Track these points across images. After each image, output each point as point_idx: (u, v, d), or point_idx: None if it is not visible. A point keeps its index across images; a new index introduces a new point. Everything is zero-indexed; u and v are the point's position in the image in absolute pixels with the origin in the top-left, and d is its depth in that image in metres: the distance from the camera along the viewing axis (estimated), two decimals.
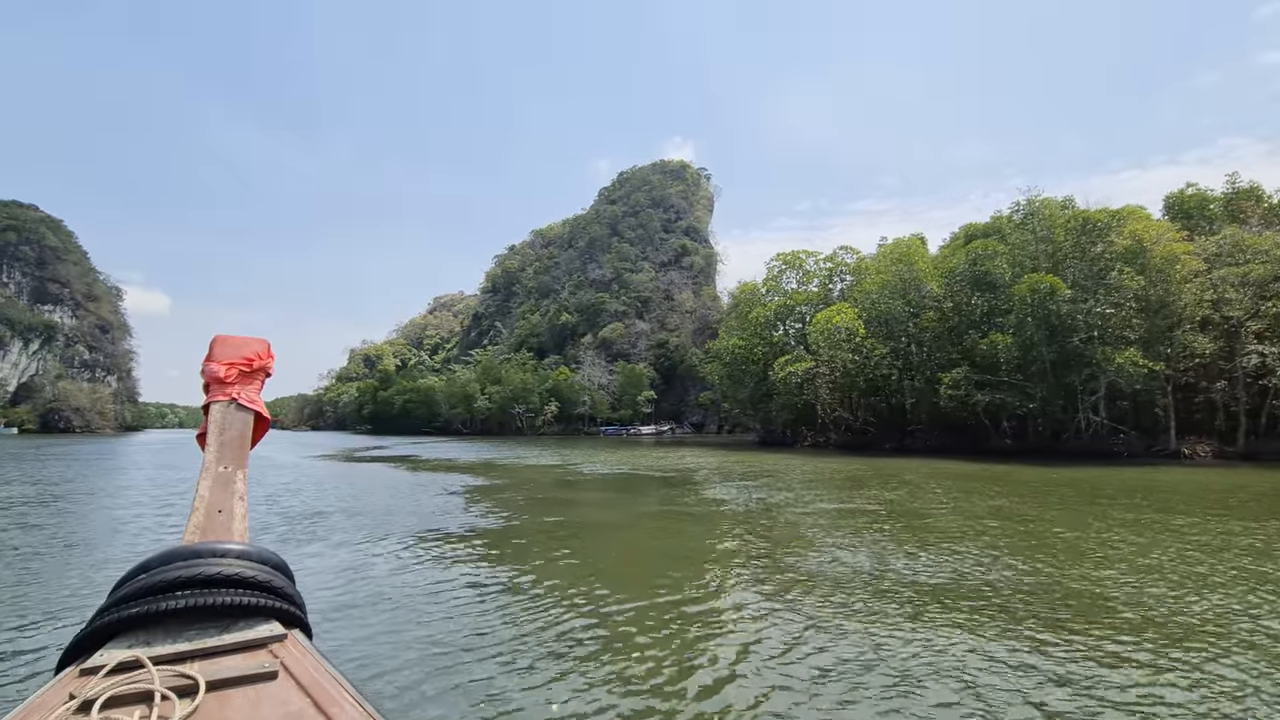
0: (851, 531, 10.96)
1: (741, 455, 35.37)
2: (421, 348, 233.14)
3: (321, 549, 9.40)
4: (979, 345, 32.50)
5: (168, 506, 14.20)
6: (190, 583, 1.33)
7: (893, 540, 10.17)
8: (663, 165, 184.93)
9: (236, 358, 1.86)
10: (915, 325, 37.80)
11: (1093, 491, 17.30)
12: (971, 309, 34.47)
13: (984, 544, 9.80)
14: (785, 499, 15.36)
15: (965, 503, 14.67)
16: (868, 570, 8.16)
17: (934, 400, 37.02)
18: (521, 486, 18.56)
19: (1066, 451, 33.27)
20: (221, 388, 1.81)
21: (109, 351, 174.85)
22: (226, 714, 1.16)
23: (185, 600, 1.31)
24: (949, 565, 8.37)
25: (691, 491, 17.20)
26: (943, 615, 6.30)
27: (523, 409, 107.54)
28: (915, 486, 18.18)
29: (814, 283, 48.36)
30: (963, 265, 34.80)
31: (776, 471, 23.56)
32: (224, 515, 1.57)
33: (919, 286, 37.29)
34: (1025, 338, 31.11)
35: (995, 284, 33.31)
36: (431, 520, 12.03)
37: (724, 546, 9.88)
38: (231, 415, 1.77)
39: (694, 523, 12.20)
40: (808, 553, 9.24)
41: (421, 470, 25.71)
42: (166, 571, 1.34)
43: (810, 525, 11.67)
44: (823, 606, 6.61)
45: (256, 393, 1.87)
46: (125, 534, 10.83)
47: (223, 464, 1.67)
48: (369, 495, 16.18)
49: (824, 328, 37.68)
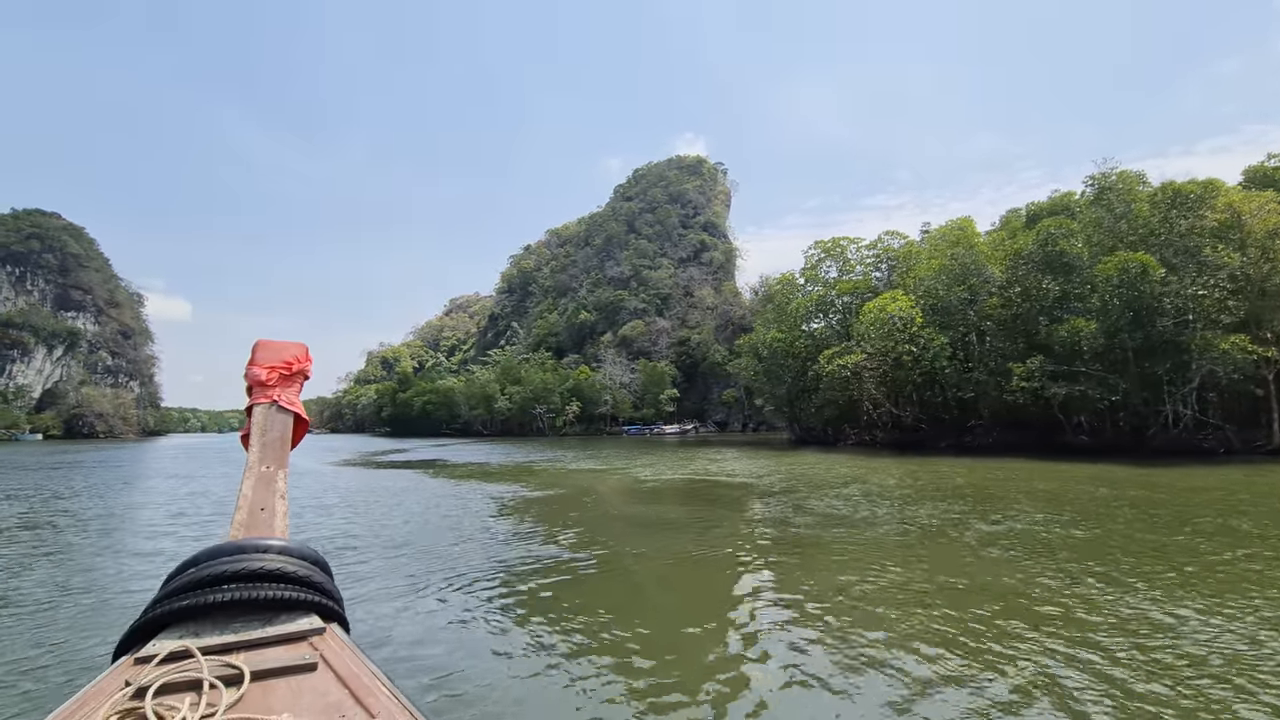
0: (1101, 578, 8.41)
1: (794, 457, 32.82)
2: (438, 349, 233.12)
3: (358, 601, 7.00)
4: (1057, 332, 29.61)
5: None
6: (235, 577, 1.37)
7: (1180, 588, 7.65)
8: (679, 161, 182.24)
9: (277, 361, 1.86)
10: (975, 313, 34.96)
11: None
12: (1043, 293, 31.55)
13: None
14: (921, 516, 12.85)
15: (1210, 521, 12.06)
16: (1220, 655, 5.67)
17: (1000, 394, 34.19)
18: (580, 499, 16.12)
19: (1153, 449, 30.29)
20: (263, 390, 1.81)
21: (131, 357, 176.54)
22: (269, 703, 1.22)
23: (231, 594, 1.35)
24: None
25: (793, 505, 14.64)
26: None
27: (544, 409, 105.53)
28: (1056, 500, 15.58)
29: (858, 271, 45.51)
30: (1032, 246, 31.92)
31: (857, 477, 21.00)
32: (266, 513, 1.59)
33: (979, 270, 34.44)
34: (1111, 323, 28.21)
35: (1072, 265, 30.39)
36: (496, 552, 9.64)
37: (922, 587, 7.45)
38: (273, 417, 1.77)
39: (843, 553, 9.75)
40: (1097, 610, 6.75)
41: (455, 478, 23.49)
42: (213, 566, 1.38)
43: (1005, 563, 9.17)
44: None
45: (296, 395, 1.88)
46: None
47: (265, 464, 1.68)
48: (404, 514, 13.88)
49: (877, 317, 34.94)
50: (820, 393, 43.30)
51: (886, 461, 28.20)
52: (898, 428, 42.73)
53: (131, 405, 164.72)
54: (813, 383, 48.20)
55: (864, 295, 41.56)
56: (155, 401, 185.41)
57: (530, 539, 10.55)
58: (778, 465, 26.72)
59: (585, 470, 25.64)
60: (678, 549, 9.66)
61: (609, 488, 18.22)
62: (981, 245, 35.28)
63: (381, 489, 20.31)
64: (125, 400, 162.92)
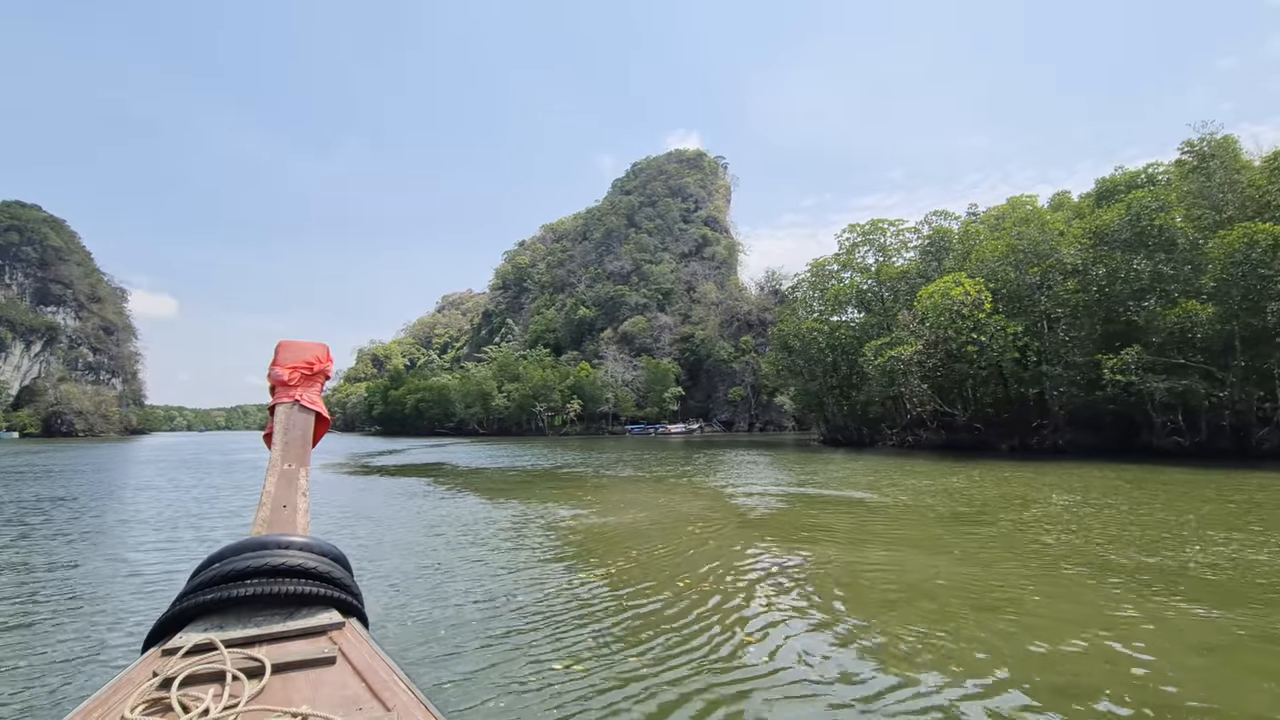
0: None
1: (854, 463, 28.84)
2: (430, 347, 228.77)
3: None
4: (1163, 318, 25.67)
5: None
6: (259, 572, 1.41)
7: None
8: (679, 154, 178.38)
9: (299, 362, 1.92)
10: (1047, 298, 31.01)
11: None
12: (1136, 275, 27.61)
13: None
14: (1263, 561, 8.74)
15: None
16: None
17: (1075, 388, 30.28)
18: (679, 528, 11.24)
19: (1263, 453, 26.45)
20: (286, 390, 1.86)
21: (113, 354, 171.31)
22: (290, 695, 1.26)
23: (254, 589, 1.39)
24: None
25: (1076, 553, 10.53)
26: None
27: (544, 407, 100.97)
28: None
29: (905, 254, 41.37)
30: (1118, 222, 27.96)
31: (1019, 496, 16.89)
32: (288, 510, 1.60)
33: (1053, 251, 30.47)
34: (1230, 308, 24.28)
35: (1172, 242, 26.43)
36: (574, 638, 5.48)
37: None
38: (295, 416, 1.81)
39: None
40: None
41: (464, 490, 19.21)
42: (237, 561, 1.43)
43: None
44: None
45: (317, 394, 1.94)
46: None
47: (287, 462, 1.70)
48: (410, 552, 9.62)
49: (938, 302, 30.85)
50: (864, 388, 39.28)
51: (986, 469, 24.17)
52: (946, 428, 38.78)
53: (113, 403, 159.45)
54: (847, 379, 44.25)
55: (913, 281, 37.48)
56: (138, 399, 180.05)
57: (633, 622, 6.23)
58: (875, 475, 22.58)
59: (633, 480, 21.31)
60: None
61: (723, 518, 13.35)
62: (1054, 222, 31.26)
63: (374, 502, 15.98)
64: (106, 398, 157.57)
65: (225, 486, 20.52)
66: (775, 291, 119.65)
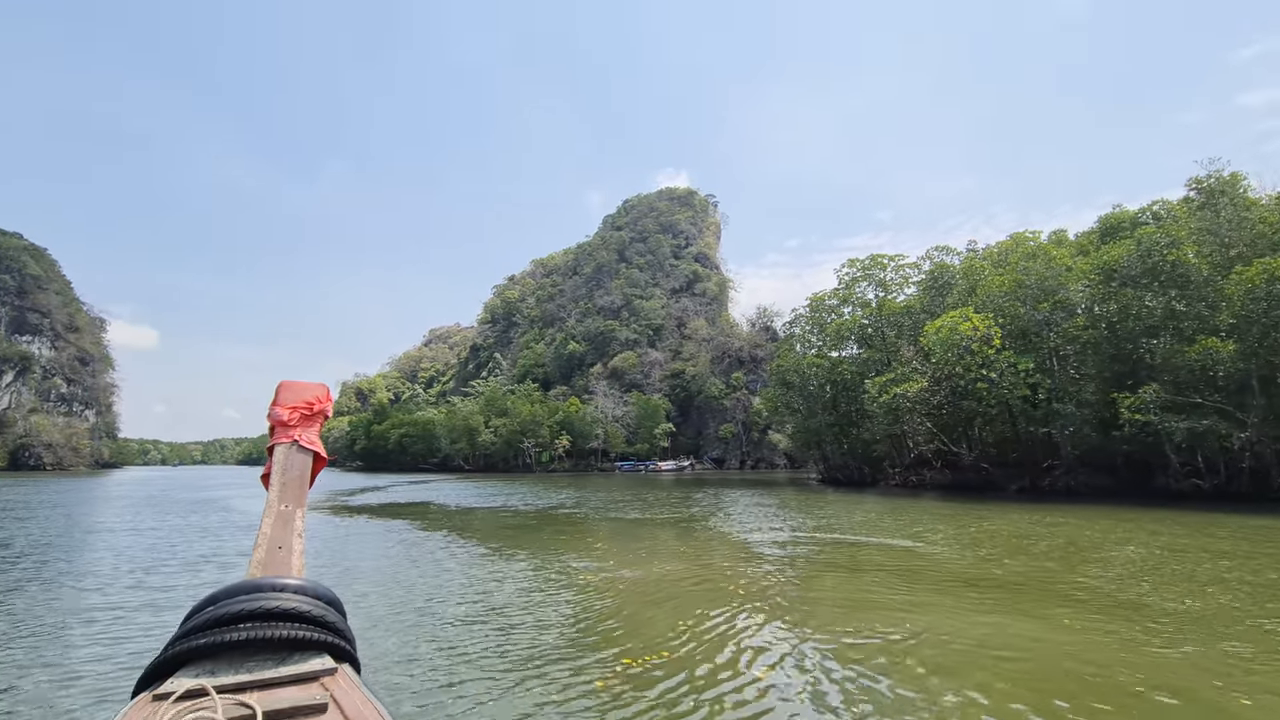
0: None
1: (866, 505, 27.51)
2: (416, 381, 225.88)
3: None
4: (1183, 355, 24.89)
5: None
6: (251, 616, 1.37)
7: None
8: (669, 192, 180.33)
9: (299, 402, 1.83)
10: (1056, 334, 30.28)
11: None
12: (1148, 311, 26.96)
13: None
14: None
15: None
16: None
17: (1085, 427, 29.34)
18: (719, 587, 9.68)
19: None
20: (285, 430, 1.79)
21: (88, 385, 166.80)
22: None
23: (247, 633, 1.35)
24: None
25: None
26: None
27: (532, 443, 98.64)
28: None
29: (906, 290, 40.75)
30: (1128, 258, 27.47)
31: (1011, 539, 15.56)
32: (284, 551, 1.57)
33: (1061, 286, 29.89)
34: (1250, 345, 23.56)
35: (1186, 278, 25.89)
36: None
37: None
38: (293, 457, 1.75)
39: None
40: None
41: (459, 536, 17.54)
42: (231, 605, 1.39)
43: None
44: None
45: (316, 434, 1.85)
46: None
47: (284, 502, 1.66)
48: (411, 634, 8.02)
49: (945, 337, 29.99)
50: (865, 426, 38.12)
51: (1018, 512, 22.90)
52: (951, 467, 37.60)
53: (85, 435, 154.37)
54: (846, 416, 43.11)
55: (917, 317, 36.76)
56: (112, 432, 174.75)
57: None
58: (898, 518, 21.19)
59: (641, 525, 19.71)
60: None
61: (762, 572, 11.73)
62: (1060, 258, 30.78)
63: (351, 551, 14.31)
64: (78, 430, 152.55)
65: (189, 530, 18.66)
66: (767, 328, 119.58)
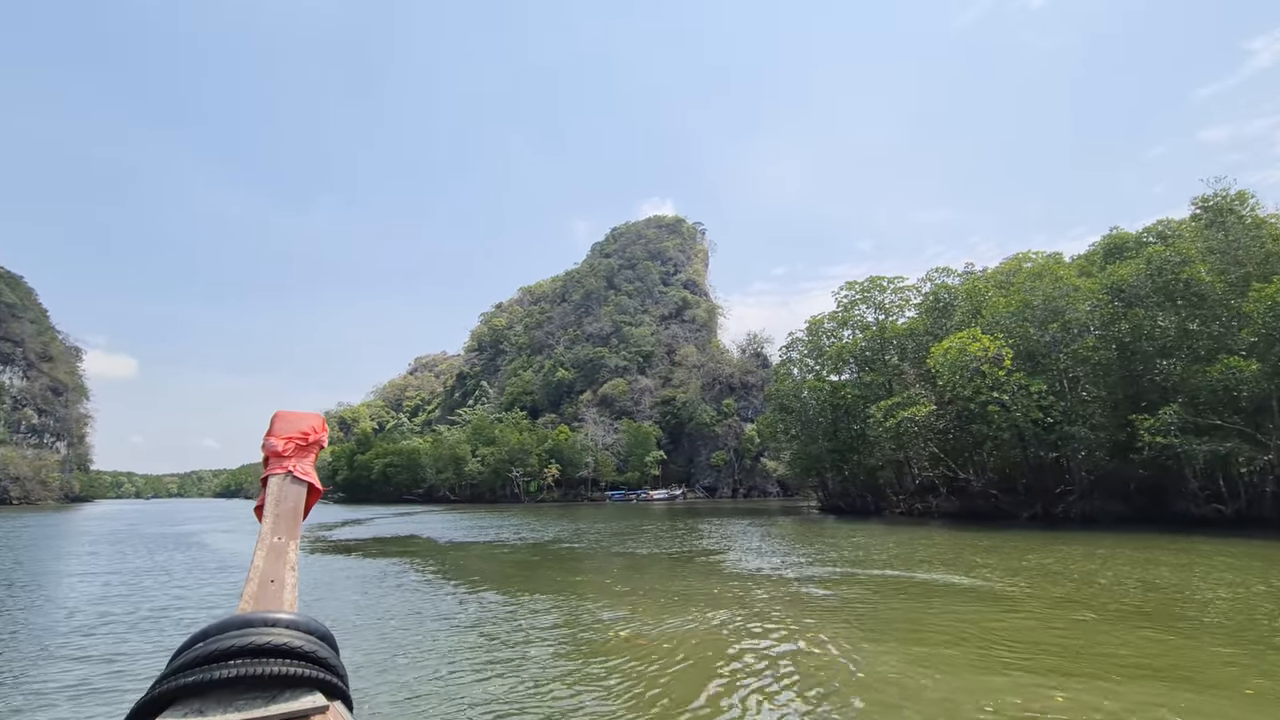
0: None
1: (884, 536, 26.27)
2: (401, 410, 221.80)
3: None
4: (1204, 375, 24.16)
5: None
6: (242, 652, 1.32)
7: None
8: (657, 220, 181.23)
9: (294, 432, 1.83)
10: (1067, 355, 29.57)
11: None
12: (1162, 331, 26.35)
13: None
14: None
15: None
16: None
17: (1098, 450, 28.44)
18: (784, 648, 8.16)
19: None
20: (279, 461, 1.79)
21: (61, 416, 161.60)
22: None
23: (237, 669, 1.29)
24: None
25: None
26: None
27: (520, 472, 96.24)
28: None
29: (908, 312, 40.06)
30: (1139, 276, 26.96)
31: (1080, 576, 14.34)
32: (276, 585, 1.54)
33: (1070, 306, 29.26)
34: (1273, 364, 22.89)
35: (1200, 296, 25.35)
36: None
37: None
38: (287, 488, 1.76)
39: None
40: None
41: (459, 578, 16.01)
42: (221, 641, 1.34)
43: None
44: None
45: (310, 465, 1.84)
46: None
47: (277, 535, 1.65)
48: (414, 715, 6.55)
49: (954, 359, 29.14)
50: (867, 452, 37.00)
51: (1049, 544, 21.69)
52: (959, 494, 36.47)
53: (55, 468, 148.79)
54: (846, 442, 41.99)
55: (920, 339, 36.00)
56: (84, 464, 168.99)
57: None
58: (933, 549, 19.88)
59: (656, 561, 18.23)
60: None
61: (819, 621, 9.84)
62: (1067, 277, 30.24)
63: (327, 607, 12.75)
64: (48, 462, 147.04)
65: (150, 574, 16.90)
66: (758, 354, 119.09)
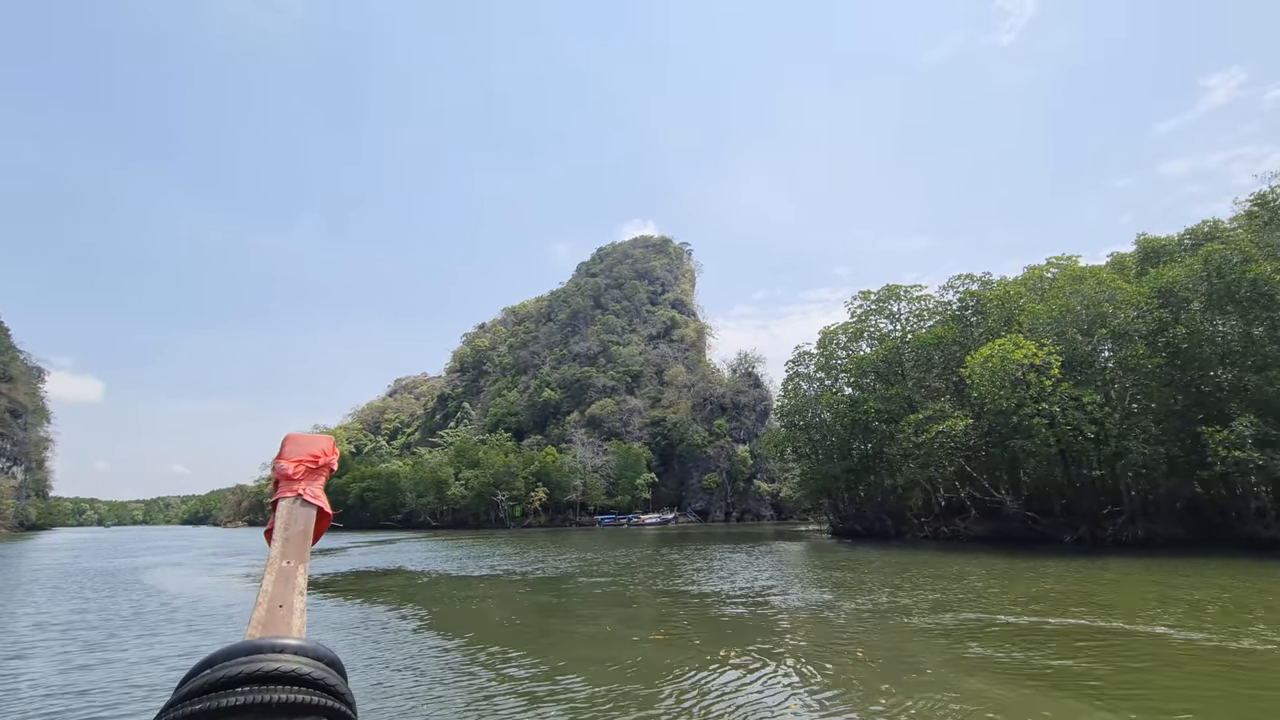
0: None
1: (941, 564, 23.37)
2: (379, 432, 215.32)
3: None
4: (1275, 382, 21.78)
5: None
6: (250, 679, 1.19)
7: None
8: (644, 240, 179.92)
9: (304, 455, 1.67)
10: (1116, 364, 27.19)
11: None
12: (1223, 336, 24.08)
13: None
14: None
15: None
16: None
17: (1151, 467, 25.89)
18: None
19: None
20: (289, 484, 1.62)
21: (18, 439, 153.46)
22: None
23: (244, 697, 1.18)
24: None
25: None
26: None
27: (506, 496, 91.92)
28: None
29: (928, 320, 37.56)
30: (1194, 278, 24.76)
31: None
32: (284, 610, 1.40)
33: (1117, 311, 26.95)
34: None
35: (1271, 297, 23.12)
36: None
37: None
38: (297, 511, 1.60)
39: None
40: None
41: (456, 633, 12.73)
42: (228, 668, 1.21)
43: None
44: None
45: (320, 488, 1.68)
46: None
47: (286, 559, 1.50)
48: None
49: (995, 367, 26.56)
50: (891, 471, 34.17)
51: (1125, 569, 18.84)
52: (991, 516, 33.70)
53: (9, 494, 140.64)
54: (863, 461, 39.18)
55: (949, 349, 33.46)
56: (43, 490, 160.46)
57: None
58: (1001, 583, 16.87)
59: (685, 603, 15.02)
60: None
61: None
62: (1112, 280, 27.98)
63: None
64: (2, 489, 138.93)
65: (81, 626, 13.29)
66: (749, 374, 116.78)
